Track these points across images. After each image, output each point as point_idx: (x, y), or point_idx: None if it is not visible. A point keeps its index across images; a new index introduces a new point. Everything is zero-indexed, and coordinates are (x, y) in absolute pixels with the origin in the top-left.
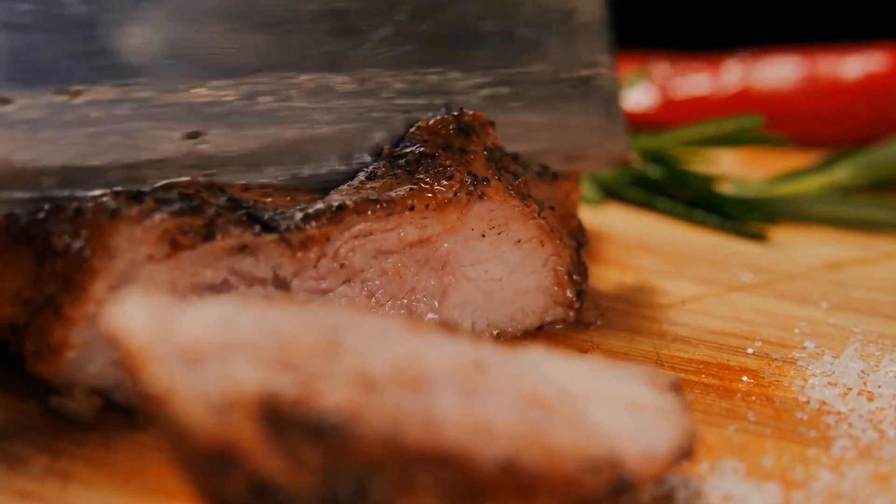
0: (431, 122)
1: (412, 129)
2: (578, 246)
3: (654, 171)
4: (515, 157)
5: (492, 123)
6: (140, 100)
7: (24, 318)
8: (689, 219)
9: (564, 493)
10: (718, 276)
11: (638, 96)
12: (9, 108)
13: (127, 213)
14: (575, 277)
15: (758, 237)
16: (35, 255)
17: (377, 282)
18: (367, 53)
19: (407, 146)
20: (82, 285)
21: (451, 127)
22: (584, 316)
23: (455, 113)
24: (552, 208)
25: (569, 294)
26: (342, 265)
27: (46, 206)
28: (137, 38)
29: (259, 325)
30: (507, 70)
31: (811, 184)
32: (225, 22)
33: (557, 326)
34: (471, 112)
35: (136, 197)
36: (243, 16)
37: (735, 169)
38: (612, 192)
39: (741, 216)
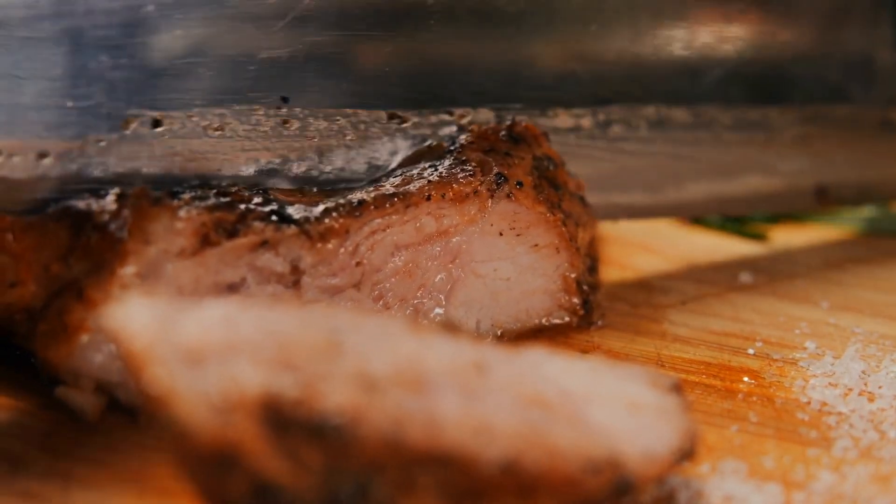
0: (484, 127)
1: (461, 135)
2: (592, 266)
3: None
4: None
5: (545, 135)
6: None
7: (43, 300)
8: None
9: (565, 494)
10: (719, 277)
11: None
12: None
13: (168, 203)
14: (584, 287)
15: (758, 237)
16: (72, 228)
17: (389, 282)
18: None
19: (448, 150)
20: (112, 266)
21: (500, 133)
22: (585, 317)
23: (508, 122)
24: (577, 224)
25: (575, 301)
26: (358, 263)
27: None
28: None
29: (260, 326)
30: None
31: None
32: None
33: (556, 321)
34: (524, 122)
35: (174, 193)
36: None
37: None
38: None
39: (742, 216)
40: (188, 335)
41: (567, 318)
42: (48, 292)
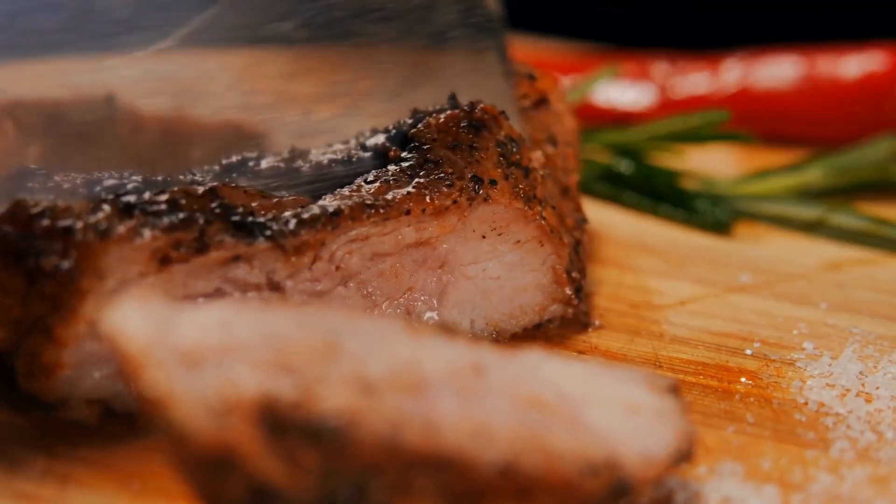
0: (442, 118)
1: (420, 126)
2: (577, 243)
3: (621, 166)
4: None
5: (503, 114)
6: None
7: (15, 340)
8: (654, 212)
9: (563, 497)
10: (717, 277)
11: (637, 95)
12: None
13: (116, 233)
14: (574, 275)
15: (721, 229)
16: (25, 275)
17: (374, 283)
18: None
19: (413, 147)
20: (72, 306)
21: (461, 124)
22: (583, 316)
23: (466, 108)
24: (554, 207)
25: (567, 291)
26: (338, 268)
27: (40, 217)
28: None
29: (257, 329)
30: None
31: (780, 183)
32: None
33: (554, 325)
34: (481, 105)
35: (126, 209)
36: None
37: (726, 168)
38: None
39: (705, 211)
40: (185, 338)
41: (561, 311)
42: (16, 334)
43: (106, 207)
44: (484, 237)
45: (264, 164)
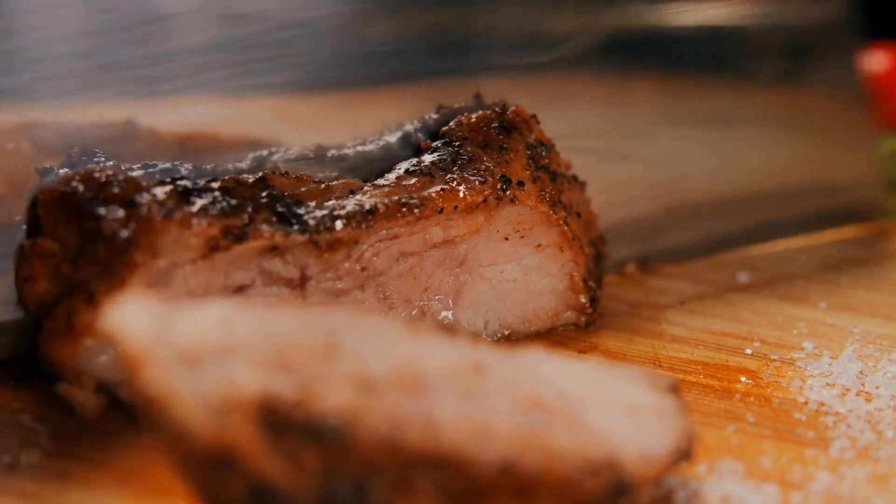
0: (474, 118)
1: (452, 125)
2: (597, 255)
3: None
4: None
5: (534, 117)
6: None
7: (55, 296)
8: None
9: (563, 496)
10: (717, 277)
11: None
12: None
13: (179, 215)
14: (590, 283)
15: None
16: (82, 234)
17: (394, 285)
18: None
19: (446, 142)
20: (121, 275)
21: (493, 124)
22: (593, 324)
23: (498, 109)
24: (578, 214)
25: (582, 299)
26: (363, 268)
27: (110, 184)
28: None
29: (258, 328)
30: None
31: None
32: None
33: (566, 322)
34: (513, 107)
35: (185, 194)
36: None
37: None
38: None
39: None
40: (186, 337)
41: (574, 318)
42: (60, 290)
43: (168, 189)
44: (507, 238)
45: (292, 153)
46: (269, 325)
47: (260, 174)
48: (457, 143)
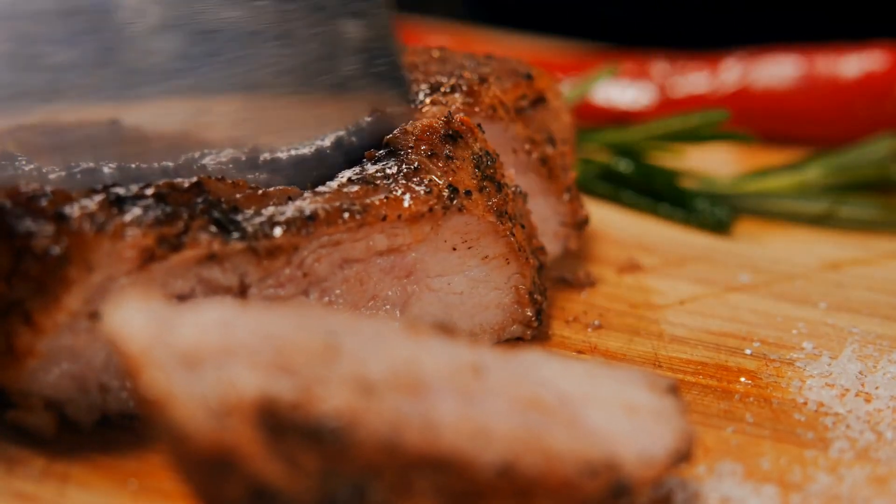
0: (419, 126)
1: (396, 133)
2: (540, 266)
3: (621, 166)
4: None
5: (479, 126)
6: None
7: None
8: (654, 212)
9: (563, 497)
10: (716, 277)
11: (636, 94)
12: None
13: (111, 227)
14: (536, 297)
15: (721, 229)
16: (13, 252)
17: (338, 290)
18: None
19: (390, 151)
20: (56, 293)
21: (439, 133)
22: (582, 317)
23: (444, 118)
24: (522, 226)
25: (528, 313)
26: (305, 274)
27: (38, 198)
28: None
29: (257, 330)
30: None
31: (779, 182)
32: None
33: (511, 337)
34: (459, 117)
35: (117, 203)
36: None
37: (726, 167)
38: (578, 186)
39: (704, 211)
40: (185, 338)
41: (520, 332)
42: None
43: (99, 198)
44: (454, 249)
45: (224, 155)
46: (269, 326)
47: (195, 179)
48: (401, 152)
